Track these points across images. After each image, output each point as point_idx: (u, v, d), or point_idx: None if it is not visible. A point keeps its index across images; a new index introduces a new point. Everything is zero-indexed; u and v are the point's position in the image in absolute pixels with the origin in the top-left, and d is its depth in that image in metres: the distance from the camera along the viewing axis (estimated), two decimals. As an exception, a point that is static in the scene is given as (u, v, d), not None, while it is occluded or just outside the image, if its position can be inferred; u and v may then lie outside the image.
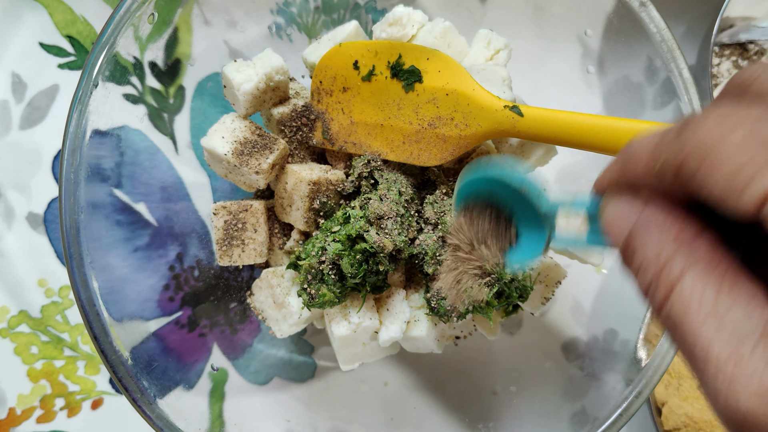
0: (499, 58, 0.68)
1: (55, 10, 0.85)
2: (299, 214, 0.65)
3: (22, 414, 0.83)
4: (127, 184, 0.69)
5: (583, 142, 0.56)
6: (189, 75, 0.74)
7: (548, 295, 0.69)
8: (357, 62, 0.63)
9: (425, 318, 0.65)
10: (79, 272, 0.58)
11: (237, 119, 0.65)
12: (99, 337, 0.58)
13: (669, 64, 0.64)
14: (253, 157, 0.63)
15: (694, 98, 0.63)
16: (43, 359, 0.84)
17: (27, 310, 0.84)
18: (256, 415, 0.76)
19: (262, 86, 0.64)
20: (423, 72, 0.61)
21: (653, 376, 0.62)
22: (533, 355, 0.79)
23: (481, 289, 0.48)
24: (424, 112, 0.61)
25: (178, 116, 0.75)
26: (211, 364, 0.74)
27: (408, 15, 0.66)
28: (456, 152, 0.61)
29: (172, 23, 0.69)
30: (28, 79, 0.85)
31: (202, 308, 0.75)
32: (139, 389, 0.59)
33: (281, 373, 0.80)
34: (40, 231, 0.85)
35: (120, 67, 0.62)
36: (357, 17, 0.79)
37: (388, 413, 0.78)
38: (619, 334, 0.73)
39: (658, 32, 0.63)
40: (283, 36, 0.79)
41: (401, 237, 0.59)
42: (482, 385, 0.78)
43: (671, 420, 0.80)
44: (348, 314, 0.63)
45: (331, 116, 0.66)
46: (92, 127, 0.60)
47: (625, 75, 0.74)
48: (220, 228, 0.67)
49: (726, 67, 0.83)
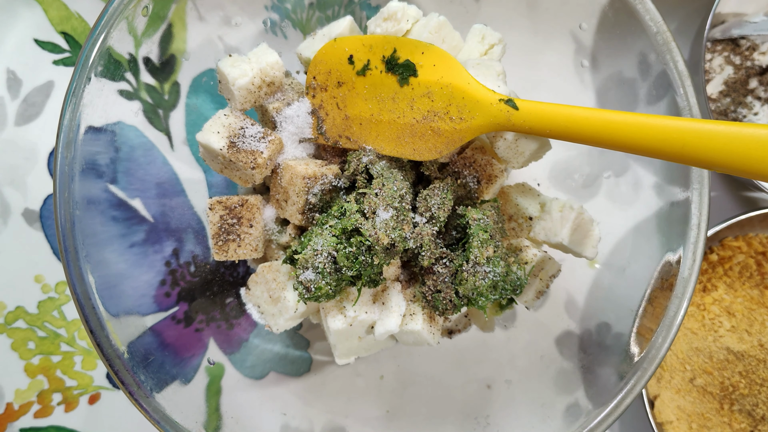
0: (494, 53, 0.68)
1: (49, 7, 0.85)
2: (295, 209, 0.65)
3: (19, 409, 0.83)
4: (122, 179, 0.69)
5: (578, 135, 0.56)
6: (184, 71, 0.74)
7: (543, 289, 0.69)
8: (352, 57, 0.63)
9: (421, 312, 0.65)
10: (74, 266, 0.58)
11: (232, 114, 0.65)
12: (95, 330, 0.58)
13: (664, 56, 0.64)
14: (248, 152, 0.63)
15: (689, 91, 0.63)
16: (40, 354, 0.84)
17: (23, 306, 0.84)
18: (252, 409, 0.77)
19: (257, 81, 0.64)
20: (418, 66, 0.61)
21: (647, 369, 0.62)
22: (527, 348, 0.79)
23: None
24: (418, 106, 0.62)
25: (174, 112, 0.75)
26: (208, 359, 0.74)
27: (403, 10, 0.67)
28: (451, 146, 0.62)
29: (166, 19, 0.69)
30: (23, 75, 0.85)
31: (198, 303, 0.75)
32: (136, 383, 0.59)
33: (277, 367, 0.80)
34: (36, 227, 0.85)
35: (114, 62, 0.63)
36: (351, 13, 0.79)
37: (384, 406, 0.79)
38: (612, 328, 0.74)
39: (654, 24, 0.63)
40: (278, 32, 0.79)
41: (396, 231, 0.59)
42: (477, 378, 0.79)
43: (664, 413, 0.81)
44: (344, 308, 0.64)
45: (326, 111, 0.66)
46: (86, 121, 0.60)
47: (618, 70, 0.74)
48: (215, 223, 0.67)
49: (718, 62, 0.84)
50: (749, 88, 0.83)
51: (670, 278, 0.64)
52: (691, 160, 0.52)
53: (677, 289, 0.62)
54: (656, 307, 0.65)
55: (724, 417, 0.80)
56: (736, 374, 0.80)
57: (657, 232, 0.71)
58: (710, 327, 0.82)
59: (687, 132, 0.51)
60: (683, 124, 0.51)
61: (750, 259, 0.84)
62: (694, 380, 0.81)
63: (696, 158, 0.51)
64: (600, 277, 0.79)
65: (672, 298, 0.62)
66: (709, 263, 0.84)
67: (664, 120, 0.52)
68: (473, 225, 0.61)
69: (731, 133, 0.49)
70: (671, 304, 0.62)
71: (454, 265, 0.62)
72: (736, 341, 0.80)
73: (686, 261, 0.63)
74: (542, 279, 0.69)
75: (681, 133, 0.51)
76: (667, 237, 0.67)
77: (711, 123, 0.50)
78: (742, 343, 0.80)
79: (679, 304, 0.62)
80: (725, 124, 0.50)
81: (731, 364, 0.80)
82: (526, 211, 0.69)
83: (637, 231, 0.74)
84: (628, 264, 0.74)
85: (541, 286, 0.69)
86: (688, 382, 0.82)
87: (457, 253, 0.63)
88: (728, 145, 0.49)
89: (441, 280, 0.62)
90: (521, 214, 0.69)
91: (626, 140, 0.54)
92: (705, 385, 0.81)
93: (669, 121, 0.52)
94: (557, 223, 0.67)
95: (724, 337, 0.81)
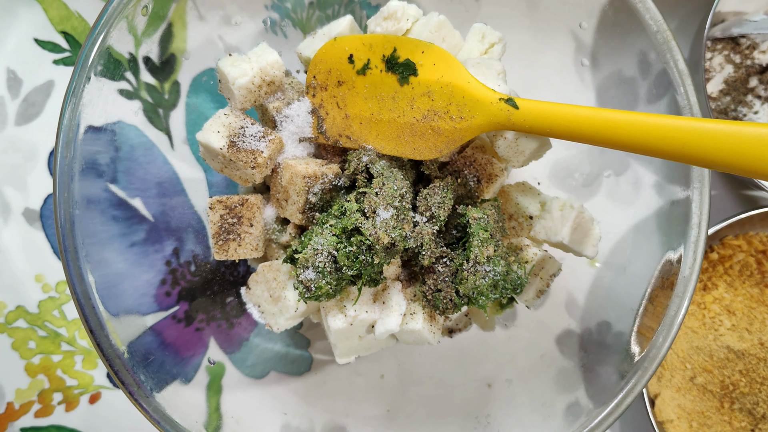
0: (494, 52, 0.68)
1: (49, 6, 0.85)
2: (295, 209, 0.65)
3: (20, 408, 0.83)
4: (122, 179, 0.69)
5: (578, 134, 0.56)
6: (184, 70, 0.74)
7: (543, 288, 0.69)
8: (352, 56, 0.63)
9: (421, 311, 0.65)
10: (74, 266, 0.58)
11: (232, 114, 0.65)
12: (95, 330, 0.58)
13: (665, 55, 0.64)
14: (249, 152, 0.63)
15: (689, 90, 0.63)
16: (40, 354, 0.84)
17: (24, 306, 0.84)
18: (253, 409, 0.77)
19: (257, 81, 0.64)
20: (418, 65, 0.61)
21: (647, 368, 0.62)
22: (528, 347, 0.79)
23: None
24: (418, 105, 0.61)
25: (174, 111, 0.75)
26: (208, 358, 0.74)
27: (403, 9, 0.67)
28: (451, 145, 0.62)
29: (166, 18, 0.69)
30: (23, 75, 0.85)
31: (198, 303, 0.75)
32: (136, 383, 0.59)
33: (278, 366, 0.80)
34: (36, 227, 0.85)
35: (114, 61, 0.63)
36: (351, 12, 0.79)
37: (385, 405, 0.79)
38: (612, 327, 0.74)
39: (654, 23, 0.63)
40: (278, 31, 0.79)
41: (397, 230, 0.59)
42: (478, 377, 0.79)
43: (664, 411, 0.81)
44: (344, 307, 0.64)
45: (326, 110, 0.66)
46: (86, 121, 0.60)
47: (618, 69, 0.74)
48: (216, 222, 0.67)
49: (718, 61, 0.84)
50: (749, 86, 0.83)
51: (671, 277, 0.64)
52: (691, 159, 0.52)
53: (678, 288, 0.62)
54: (657, 306, 0.65)
55: (724, 415, 0.80)
56: (736, 373, 0.80)
57: (657, 231, 0.71)
58: (710, 326, 0.82)
59: (687, 131, 0.51)
60: (683, 123, 0.51)
61: (750, 257, 0.84)
62: (694, 379, 0.81)
63: (696, 157, 0.51)
64: (600, 276, 0.79)
65: (673, 297, 0.62)
66: (710, 262, 0.84)
67: (664, 119, 0.52)
68: (473, 224, 0.61)
69: (731, 132, 0.49)
70: (672, 303, 0.62)
71: (454, 264, 0.62)
72: (737, 340, 0.80)
73: (687, 260, 0.63)
74: (543, 278, 0.69)
75: (681, 132, 0.51)
76: (668, 236, 0.67)
77: (711, 122, 0.50)
78: (742, 341, 0.80)
79: (679, 303, 0.62)
80: (725, 123, 0.50)
81: (731, 362, 0.80)
82: (526, 210, 0.69)
83: (637, 230, 0.74)
84: (628, 263, 0.74)
85: (542, 285, 0.69)
86: (688, 381, 0.82)
87: (458, 252, 0.63)
88: (728, 143, 0.49)
89: (441, 279, 0.62)
90: (521, 213, 0.69)
91: (626, 139, 0.54)
92: (705, 383, 0.81)
93: (669, 120, 0.52)
94: (558, 222, 0.66)
95: (725, 335, 0.81)
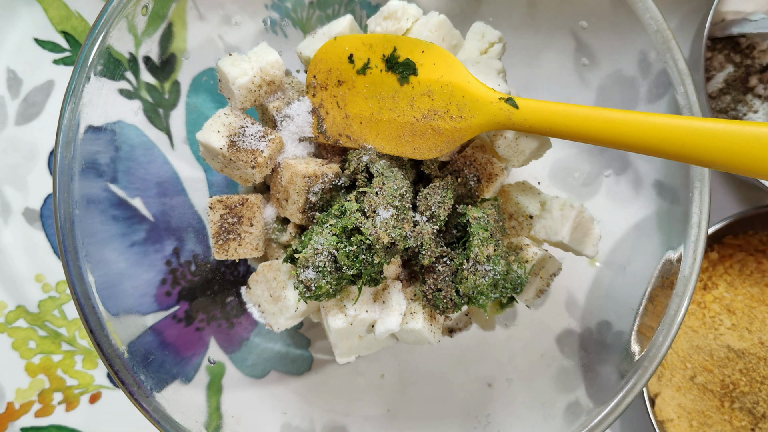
0: (494, 51, 0.68)
1: (49, 6, 0.85)
2: (295, 208, 0.65)
3: (20, 408, 0.83)
4: (122, 179, 0.69)
5: (578, 134, 0.56)
6: (184, 70, 0.74)
7: (543, 288, 0.69)
8: (352, 56, 0.63)
9: (421, 310, 0.65)
10: (74, 265, 0.58)
11: (232, 113, 0.65)
12: (95, 330, 0.58)
13: (664, 54, 0.64)
14: (249, 152, 0.63)
15: (689, 89, 0.63)
16: (40, 354, 0.84)
17: (24, 305, 0.84)
18: (253, 409, 0.77)
19: (257, 80, 0.64)
20: (418, 65, 0.61)
21: (647, 368, 0.62)
22: (528, 347, 0.79)
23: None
24: (418, 104, 0.61)
25: (174, 111, 0.75)
26: (209, 358, 0.74)
27: (403, 8, 0.67)
28: (451, 145, 0.62)
29: (166, 18, 0.69)
30: (23, 74, 0.85)
31: (198, 302, 0.75)
32: (136, 382, 0.59)
33: (278, 366, 0.80)
34: (36, 226, 0.85)
35: (114, 61, 0.63)
36: (351, 12, 0.79)
37: (385, 405, 0.79)
38: (613, 326, 0.74)
39: (654, 22, 0.63)
40: (278, 31, 0.79)
41: (397, 229, 0.59)
42: (478, 377, 0.79)
43: (664, 411, 0.81)
44: (344, 307, 0.64)
45: (326, 110, 0.66)
46: (86, 120, 0.60)
47: (618, 69, 0.74)
48: (216, 222, 0.67)
49: (718, 60, 0.84)
50: (749, 86, 0.83)
51: (671, 276, 0.64)
52: (691, 159, 0.52)
53: (678, 287, 0.62)
54: (657, 305, 0.65)
55: (724, 415, 0.80)
56: (736, 372, 0.80)
57: (657, 230, 0.71)
58: (711, 325, 0.82)
59: (687, 130, 0.51)
60: (683, 123, 0.51)
61: (750, 257, 0.84)
62: (694, 378, 0.81)
63: (696, 157, 0.51)
64: (600, 276, 0.79)
65: (673, 297, 0.62)
66: (710, 261, 0.84)
67: (664, 118, 0.52)
68: (474, 223, 0.61)
69: (731, 132, 0.49)
70: (672, 302, 0.62)
71: (454, 263, 0.62)
72: (737, 339, 0.80)
73: (687, 259, 0.63)
74: (543, 277, 0.69)
75: (681, 131, 0.51)
76: (668, 235, 0.67)
77: (711, 121, 0.50)
78: (742, 340, 0.80)
79: (679, 303, 0.62)
80: (725, 123, 0.50)
81: (732, 362, 0.80)
82: (526, 210, 0.69)
83: (637, 229, 0.74)
84: (628, 262, 0.74)
85: (542, 285, 0.69)
86: (688, 380, 0.82)
87: (458, 252, 0.63)
88: (728, 143, 0.49)
89: (441, 279, 0.62)
90: (522, 212, 0.69)
91: (626, 138, 0.54)
92: (705, 383, 0.81)
93: (669, 119, 0.52)
94: (558, 221, 0.66)
95: (725, 335, 0.81)
